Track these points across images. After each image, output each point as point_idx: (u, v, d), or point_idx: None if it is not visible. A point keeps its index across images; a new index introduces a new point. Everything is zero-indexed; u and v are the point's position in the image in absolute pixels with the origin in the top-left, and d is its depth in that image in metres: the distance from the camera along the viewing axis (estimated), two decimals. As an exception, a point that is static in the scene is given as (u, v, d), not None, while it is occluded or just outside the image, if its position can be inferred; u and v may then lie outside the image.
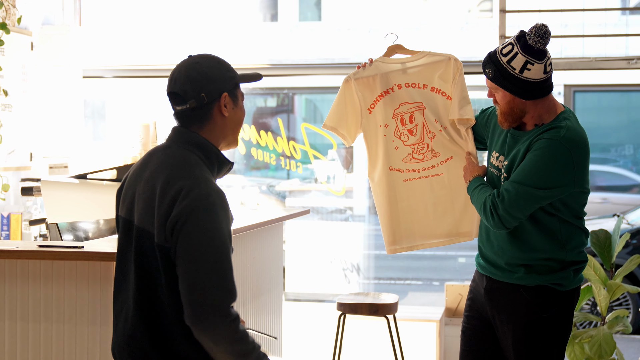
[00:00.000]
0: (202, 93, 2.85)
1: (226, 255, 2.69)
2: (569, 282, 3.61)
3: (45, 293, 3.80)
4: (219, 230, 2.69)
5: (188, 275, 2.66)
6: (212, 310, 2.62)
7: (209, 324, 2.63)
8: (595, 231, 5.75)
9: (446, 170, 4.12)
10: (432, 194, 4.14)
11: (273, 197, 9.57)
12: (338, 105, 4.18)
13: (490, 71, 3.59)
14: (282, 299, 5.81)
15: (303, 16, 15.30)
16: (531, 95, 3.55)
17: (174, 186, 2.74)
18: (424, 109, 4.11)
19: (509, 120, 3.63)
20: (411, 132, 4.13)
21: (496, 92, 3.63)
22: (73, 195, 4.54)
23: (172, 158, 2.84)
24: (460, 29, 13.67)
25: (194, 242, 2.66)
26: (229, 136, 2.97)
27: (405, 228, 4.18)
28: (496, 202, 3.53)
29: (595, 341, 5.42)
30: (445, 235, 4.16)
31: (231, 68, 2.95)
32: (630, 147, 14.73)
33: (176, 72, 2.90)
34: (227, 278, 2.67)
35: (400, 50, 4.20)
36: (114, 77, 7.52)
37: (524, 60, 3.51)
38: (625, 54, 10.20)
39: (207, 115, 2.88)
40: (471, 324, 3.88)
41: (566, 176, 3.48)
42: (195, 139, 2.88)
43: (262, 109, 13.75)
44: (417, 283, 11.38)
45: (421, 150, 4.13)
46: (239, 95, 2.97)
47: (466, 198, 4.05)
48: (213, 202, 2.71)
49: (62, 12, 7.07)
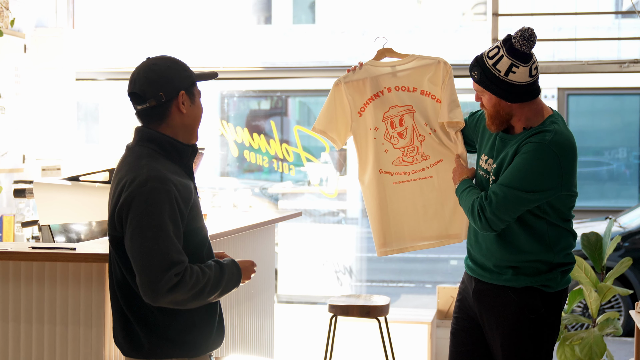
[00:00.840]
0: (160, 92, 3.06)
1: (162, 233, 2.92)
2: (556, 284, 3.63)
3: (37, 294, 3.80)
4: (155, 214, 2.91)
5: (133, 260, 2.93)
6: (153, 288, 2.88)
7: (156, 299, 2.90)
8: (586, 234, 5.77)
9: (436, 172, 4.14)
10: (422, 196, 4.16)
11: (266, 199, 9.58)
12: (328, 109, 4.20)
13: (476, 74, 3.62)
14: (274, 300, 5.82)
15: (297, 19, 15.31)
16: (516, 98, 3.56)
17: (122, 180, 3.01)
18: (413, 112, 4.13)
19: (496, 124, 3.65)
20: (401, 135, 4.15)
21: (482, 95, 3.65)
22: (65, 197, 4.55)
23: (128, 157, 3.10)
24: (454, 32, 13.69)
25: (135, 227, 2.92)
26: (188, 131, 3.17)
27: (395, 230, 4.20)
28: (484, 205, 3.55)
29: (585, 343, 5.44)
30: (435, 238, 4.19)
31: (188, 68, 3.16)
32: (624, 150, 14.76)
33: (135, 74, 3.11)
34: (163, 254, 2.89)
35: (390, 53, 4.21)
36: (107, 80, 7.53)
37: (509, 63, 3.53)
38: (618, 57, 10.24)
39: (165, 113, 3.10)
40: (460, 326, 3.90)
41: (553, 180, 3.50)
42: (150, 135, 3.11)
43: (255, 111, 13.75)
44: (410, 285, 11.39)
45: (411, 153, 4.15)
46: (195, 93, 3.18)
47: (456, 200, 4.07)
48: (152, 188, 2.94)
49: (56, 14, 7.08)
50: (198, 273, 2.95)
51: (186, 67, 3.15)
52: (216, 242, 4.42)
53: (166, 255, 2.88)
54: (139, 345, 3.06)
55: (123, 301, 3.07)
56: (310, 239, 8.16)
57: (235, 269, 3.12)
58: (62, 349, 3.79)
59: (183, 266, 2.91)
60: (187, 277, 2.91)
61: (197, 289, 2.94)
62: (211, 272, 3.01)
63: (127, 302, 3.06)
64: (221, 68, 7.48)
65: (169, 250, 2.89)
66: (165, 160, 3.08)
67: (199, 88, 3.20)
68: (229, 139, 7.89)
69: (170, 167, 3.06)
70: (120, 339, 3.13)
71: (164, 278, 2.86)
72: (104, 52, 8.99)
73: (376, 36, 4.22)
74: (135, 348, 3.08)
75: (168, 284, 2.86)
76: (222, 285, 3.04)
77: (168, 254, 2.89)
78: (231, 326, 4.85)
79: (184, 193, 3.02)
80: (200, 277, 2.95)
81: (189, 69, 3.16)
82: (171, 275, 2.87)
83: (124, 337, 3.10)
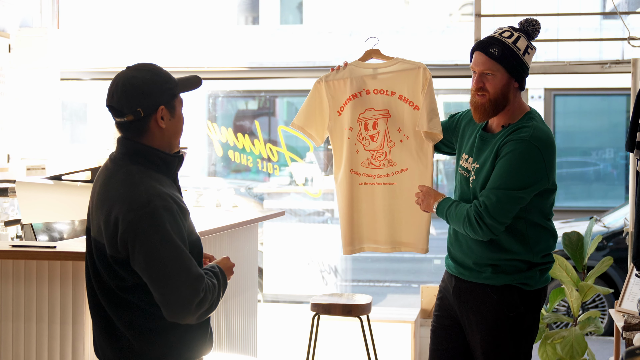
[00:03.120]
0: (138, 108, 2.96)
1: (179, 252, 2.85)
2: (535, 282, 3.66)
3: (17, 292, 3.81)
4: (166, 233, 2.84)
5: (152, 283, 2.84)
6: (183, 307, 2.83)
7: (183, 317, 2.87)
8: (568, 233, 5.81)
9: (399, 180, 4.18)
10: (383, 201, 4.21)
11: (251, 199, 9.59)
12: (308, 106, 4.24)
13: (496, 50, 3.59)
14: (257, 299, 5.83)
15: (284, 19, 15.33)
16: (522, 82, 3.65)
17: (117, 201, 2.91)
18: (388, 117, 4.16)
19: (492, 110, 3.62)
20: (373, 138, 4.19)
21: (494, 74, 3.62)
22: (48, 196, 4.55)
23: (115, 173, 3.00)
24: (441, 33, 13.71)
25: (146, 252, 2.83)
26: (168, 145, 3.08)
27: (357, 230, 4.27)
28: (480, 212, 3.55)
29: (567, 342, 5.48)
30: (389, 243, 4.26)
31: (169, 78, 3.04)
32: (611, 151, 14.81)
33: (113, 86, 3.00)
34: (187, 272, 2.84)
35: (377, 55, 4.24)
36: (92, 80, 7.53)
37: (526, 45, 3.62)
38: (600, 58, 10.28)
39: (144, 128, 3.00)
40: (441, 324, 3.92)
41: (539, 173, 3.54)
42: (136, 149, 3.01)
43: (243, 111, 13.76)
44: (396, 285, 11.40)
45: (379, 157, 4.19)
46: (176, 105, 3.07)
47: (414, 210, 4.08)
48: (155, 207, 2.86)
49: (40, 14, 7.09)
50: (210, 285, 2.93)
51: (167, 77, 3.03)
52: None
53: (189, 272, 2.84)
54: (132, 354, 3.01)
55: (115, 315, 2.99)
56: (296, 239, 8.17)
57: (221, 272, 3.09)
58: (41, 346, 3.80)
59: (204, 279, 2.89)
60: (208, 291, 2.89)
61: (212, 300, 2.93)
62: (214, 280, 2.99)
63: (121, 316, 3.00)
64: (208, 68, 7.49)
65: (190, 266, 2.85)
66: (156, 173, 3.00)
67: (181, 97, 3.10)
68: (214, 138, 7.90)
69: (162, 180, 3.00)
70: (107, 351, 3.06)
71: (193, 295, 2.83)
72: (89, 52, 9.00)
73: (367, 37, 4.25)
74: (126, 356, 3.03)
75: (196, 301, 2.84)
76: (221, 292, 3.03)
77: (190, 270, 2.84)
78: (214, 325, 4.86)
79: (182, 207, 2.97)
80: (212, 289, 2.94)
81: (171, 79, 3.04)
82: (199, 291, 2.84)
83: (112, 349, 3.03)
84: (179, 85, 3.07)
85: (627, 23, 6.45)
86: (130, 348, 3.00)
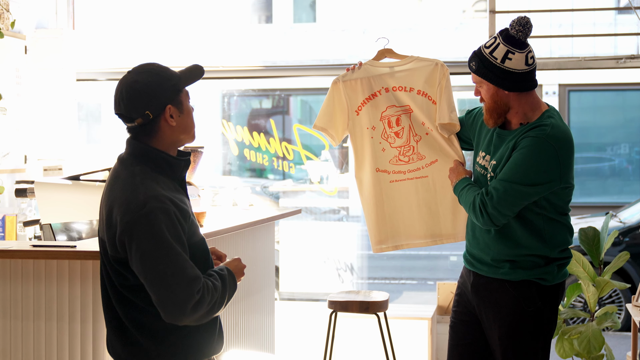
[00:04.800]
0: (146, 111, 2.99)
1: (174, 253, 2.86)
2: (553, 277, 3.67)
3: (38, 291, 3.84)
4: (161, 235, 2.86)
5: (148, 285, 2.87)
6: (177, 309, 2.85)
7: (182, 319, 2.87)
8: (584, 228, 5.80)
9: (431, 172, 4.19)
10: (417, 195, 4.21)
11: (267, 198, 9.61)
12: (327, 107, 4.25)
13: (474, 64, 3.66)
14: (275, 297, 5.85)
15: (298, 18, 15.33)
16: (513, 87, 3.61)
17: (117, 201, 2.94)
18: (410, 112, 4.17)
19: (494, 117, 3.68)
20: (398, 134, 4.20)
21: (481, 86, 3.69)
22: (66, 196, 4.58)
23: (121, 174, 3.02)
24: (454, 30, 13.69)
25: (144, 252, 2.85)
26: (182, 139, 3.11)
27: (390, 228, 4.25)
28: (485, 201, 3.58)
29: (584, 337, 5.47)
30: (430, 237, 4.24)
31: (172, 76, 3.05)
32: (626, 146, 14.75)
33: (118, 94, 3.03)
34: (182, 274, 2.85)
35: (390, 54, 4.25)
36: (108, 80, 7.56)
37: (505, 50, 3.58)
38: (615, 53, 10.25)
39: (155, 128, 3.03)
40: (459, 319, 3.94)
41: (552, 172, 3.54)
42: (142, 149, 3.04)
43: (257, 110, 13.77)
44: (412, 282, 11.39)
45: (407, 153, 4.20)
46: (183, 99, 3.08)
47: (451, 200, 4.12)
48: (151, 208, 2.87)
49: (56, 15, 7.12)
50: (210, 286, 2.93)
51: (169, 75, 3.05)
52: (216, 239, 4.45)
53: (184, 273, 2.84)
54: (140, 352, 3.04)
55: (122, 312, 3.03)
56: (312, 237, 8.18)
57: (229, 274, 3.09)
58: (62, 345, 3.83)
59: (201, 281, 2.88)
60: (205, 293, 2.88)
61: (213, 302, 2.93)
62: (218, 282, 2.99)
63: (128, 314, 3.03)
64: (222, 67, 7.51)
65: (185, 267, 2.86)
66: (159, 175, 3.02)
67: (187, 90, 3.11)
68: (229, 137, 7.93)
69: (165, 183, 3.01)
70: (117, 348, 3.09)
71: (188, 297, 2.83)
72: (105, 53, 9.02)
73: (378, 36, 4.26)
74: (135, 354, 3.05)
75: (191, 303, 2.84)
76: (227, 294, 3.03)
77: (185, 272, 2.85)
78: (232, 323, 4.89)
79: (181, 208, 2.98)
80: (213, 291, 2.93)
81: (174, 75, 3.06)
82: (193, 293, 2.84)
83: (122, 345, 3.06)
84: (182, 80, 3.08)
85: (641, 18, 6.43)
86: (139, 345, 3.03)
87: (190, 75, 3.10)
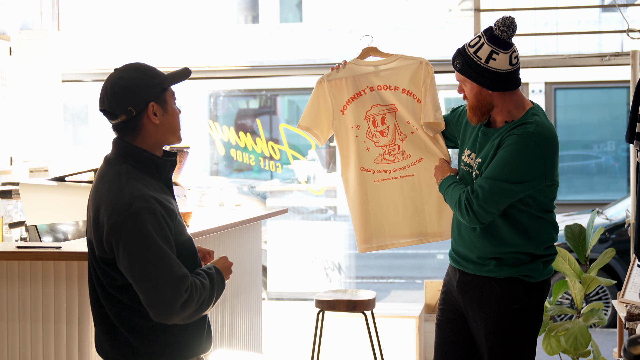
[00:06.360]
0: (129, 107, 3.00)
1: (161, 253, 2.88)
2: (538, 274, 3.68)
3: (23, 293, 3.84)
4: (147, 234, 2.87)
5: (136, 284, 2.88)
6: (167, 308, 2.86)
7: (170, 318, 2.90)
8: (570, 225, 5.83)
9: (417, 171, 4.19)
10: (403, 194, 4.21)
11: (254, 198, 9.61)
12: (312, 106, 4.24)
13: (458, 63, 3.67)
14: (262, 297, 5.85)
15: (284, 18, 15.35)
16: (497, 86, 3.62)
17: (103, 202, 2.95)
18: (395, 111, 4.18)
19: (477, 115, 3.69)
20: (383, 133, 4.20)
21: (464, 85, 3.70)
22: (52, 198, 4.57)
23: (107, 174, 3.03)
24: (441, 28, 13.73)
25: (131, 252, 2.86)
26: (167, 139, 3.12)
27: (375, 227, 4.26)
28: (470, 198, 3.60)
29: (570, 334, 5.49)
30: (416, 235, 4.25)
31: (157, 74, 3.07)
32: (612, 144, 14.81)
33: (103, 90, 3.06)
34: (169, 273, 2.86)
35: (375, 52, 4.25)
36: (94, 81, 7.54)
37: (490, 50, 3.59)
38: (599, 50, 10.29)
39: (138, 126, 3.04)
40: (445, 317, 3.94)
41: (537, 170, 3.55)
42: (128, 149, 3.05)
43: (244, 110, 13.78)
44: (399, 281, 11.41)
45: (392, 152, 4.20)
46: (168, 99, 3.09)
47: (436, 199, 4.13)
48: (137, 208, 2.88)
49: (41, 16, 7.10)
50: (198, 285, 2.94)
51: (154, 74, 3.07)
52: (202, 239, 4.45)
53: (171, 272, 2.85)
54: (128, 350, 3.04)
55: (111, 312, 3.03)
56: (299, 236, 8.18)
57: (217, 273, 3.10)
58: (48, 346, 3.82)
59: (188, 280, 2.89)
60: (193, 292, 2.90)
61: (201, 301, 2.94)
62: (206, 280, 3.00)
63: (116, 313, 3.03)
64: (209, 67, 7.50)
65: (172, 266, 2.87)
66: (145, 176, 3.03)
67: (173, 90, 3.12)
68: (216, 138, 7.92)
69: (151, 183, 3.02)
70: (106, 347, 3.09)
71: (175, 296, 2.84)
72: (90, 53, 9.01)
73: (363, 34, 4.26)
74: (124, 354, 3.05)
75: (180, 301, 2.85)
76: (215, 292, 3.03)
77: (172, 271, 2.86)
78: (219, 323, 4.89)
79: (168, 208, 2.99)
80: (201, 289, 2.94)
81: (159, 74, 3.08)
82: (181, 292, 2.85)
83: (111, 345, 3.06)
84: (168, 79, 3.09)
85: (626, 15, 6.46)
86: (128, 345, 3.03)
87: (176, 75, 3.12)
